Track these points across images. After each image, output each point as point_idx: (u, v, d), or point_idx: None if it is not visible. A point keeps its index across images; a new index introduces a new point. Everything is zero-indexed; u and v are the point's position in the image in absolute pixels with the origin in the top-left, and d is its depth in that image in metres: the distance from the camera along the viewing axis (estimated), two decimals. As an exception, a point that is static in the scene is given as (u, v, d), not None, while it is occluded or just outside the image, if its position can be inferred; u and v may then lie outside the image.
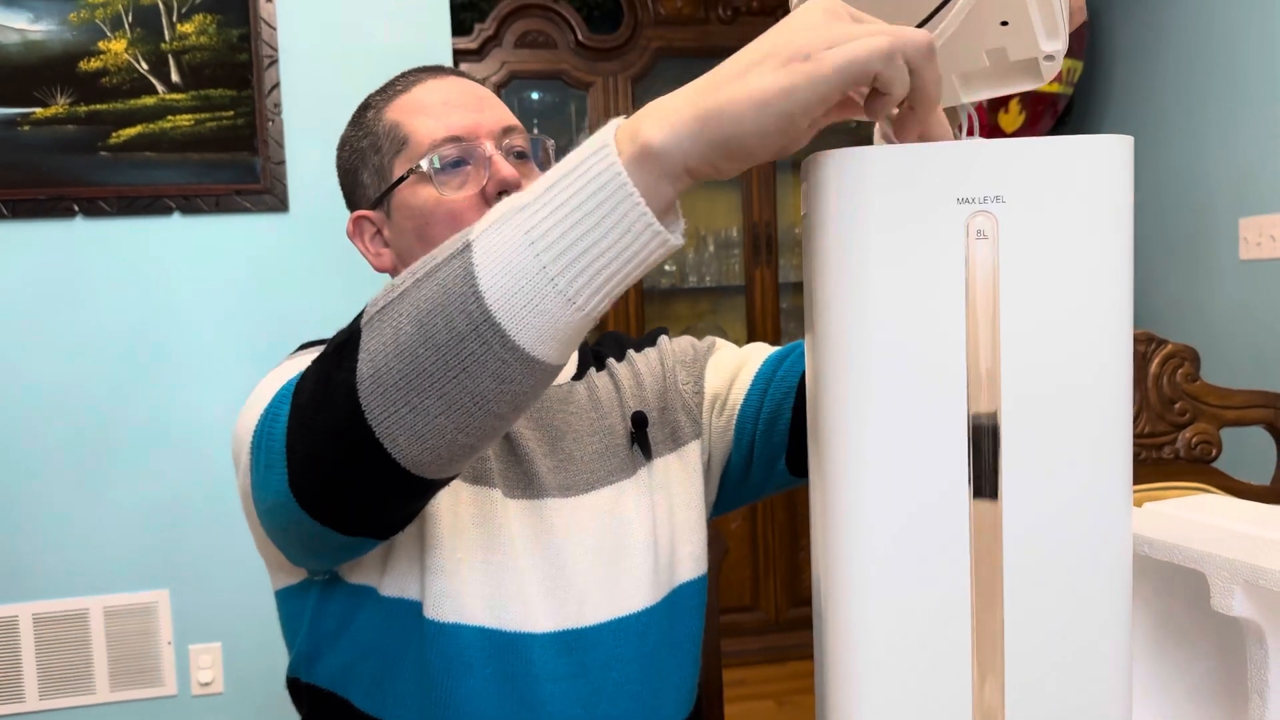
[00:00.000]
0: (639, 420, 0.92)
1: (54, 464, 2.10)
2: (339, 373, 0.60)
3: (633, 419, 0.92)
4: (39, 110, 2.04)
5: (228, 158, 2.12)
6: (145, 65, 2.08)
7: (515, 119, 0.91)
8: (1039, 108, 2.97)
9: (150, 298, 2.13)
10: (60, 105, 2.05)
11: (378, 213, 0.91)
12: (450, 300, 0.56)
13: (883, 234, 0.51)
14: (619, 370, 0.96)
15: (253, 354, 2.16)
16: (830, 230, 0.52)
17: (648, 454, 0.92)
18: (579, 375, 0.95)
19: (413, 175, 0.87)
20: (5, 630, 2.08)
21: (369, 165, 0.91)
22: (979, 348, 0.52)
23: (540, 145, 0.92)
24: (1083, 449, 0.52)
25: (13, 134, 2.03)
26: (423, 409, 0.58)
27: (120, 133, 2.07)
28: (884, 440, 0.52)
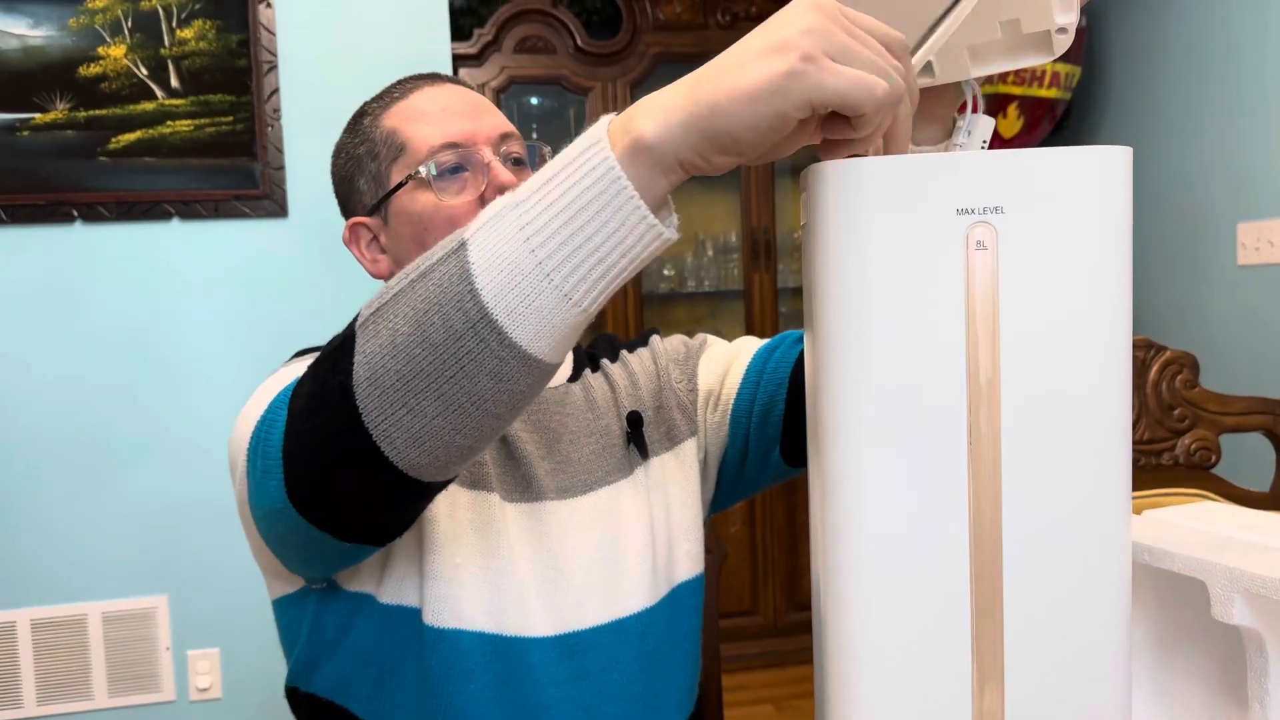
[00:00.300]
0: (634, 420, 0.92)
1: (53, 469, 2.10)
2: (335, 376, 0.60)
3: (628, 419, 0.92)
4: (38, 115, 2.04)
5: (227, 163, 2.12)
6: (145, 70, 2.08)
7: (512, 126, 0.91)
8: (1037, 113, 2.97)
9: (149, 303, 2.13)
10: (59, 110, 2.05)
11: (375, 219, 0.91)
12: (446, 298, 0.56)
13: (882, 244, 0.51)
14: (613, 371, 0.96)
15: (252, 359, 2.16)
16: (830, 240, 0.52)
17: (644, 454, 0.92)
18: (574, 377, 0.95)
19: (411, 181, 0.87)
20: (3, 636, 2.07)
21: (366, 172, 0.91)
22: (979, 357, 0.52)
23: (537, 151, 0.93)
24: (1082, 457, 0.53)
25: (12, 139, 2.03)
26: (420, 410, 0.58)
27: (119, 138, 2.08)
28: (884, 448, 0.52)
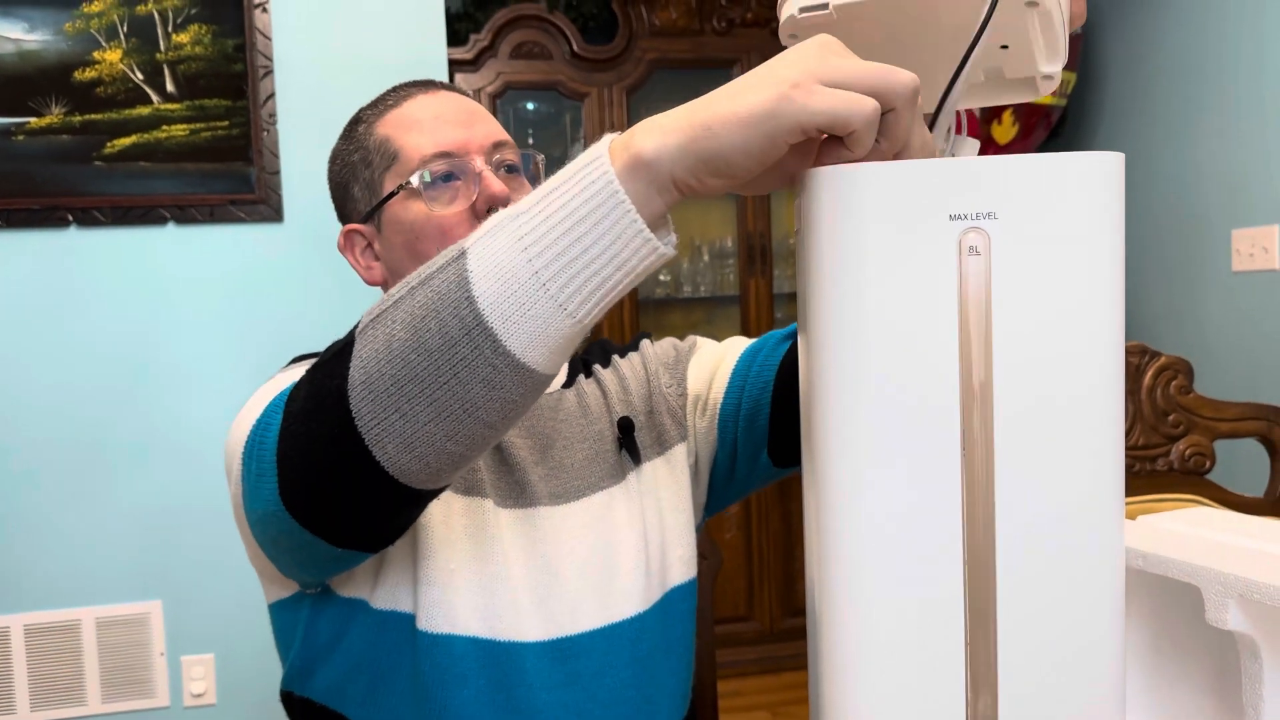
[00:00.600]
0: (625, 426, 0.92)
1: (47, 473, 2.09)
2: (331, 380, 0.61)
3: (619, 424, 0.93)
4: (34, 120, 2.04)
5: (222, 168, 2.12)
6: (140, 75, 2.08)
7: (506, 134, 0.91)
8: (1032, 119, 2.98)
9: (144, 308, 2.12)
10: (55, 115, 2.05)
11: (369, 226, 0.92)
12: (444, 304, 0.57)
13: (876, 250, 0.51)
14: (605, 376, 0.97)
15: (247, 364, 2.16)
16: (823, 246, 0.52)
17: (636, 459, 0.92)
18: (568, 383, 0.95)
19: (403, 191, 0.87)
20: (-3, 642, 2.07)
21: (360, 179, 0.91)
22: (972, 363, 0.52)
23: (531, 160, 0.93)
24: (1075, 461, 0.53)
25: (7, 144, 2.03)
26: (412, 415, 0.59)
27: (115, 143, 2.07)
28: (878, 454, 0.52)
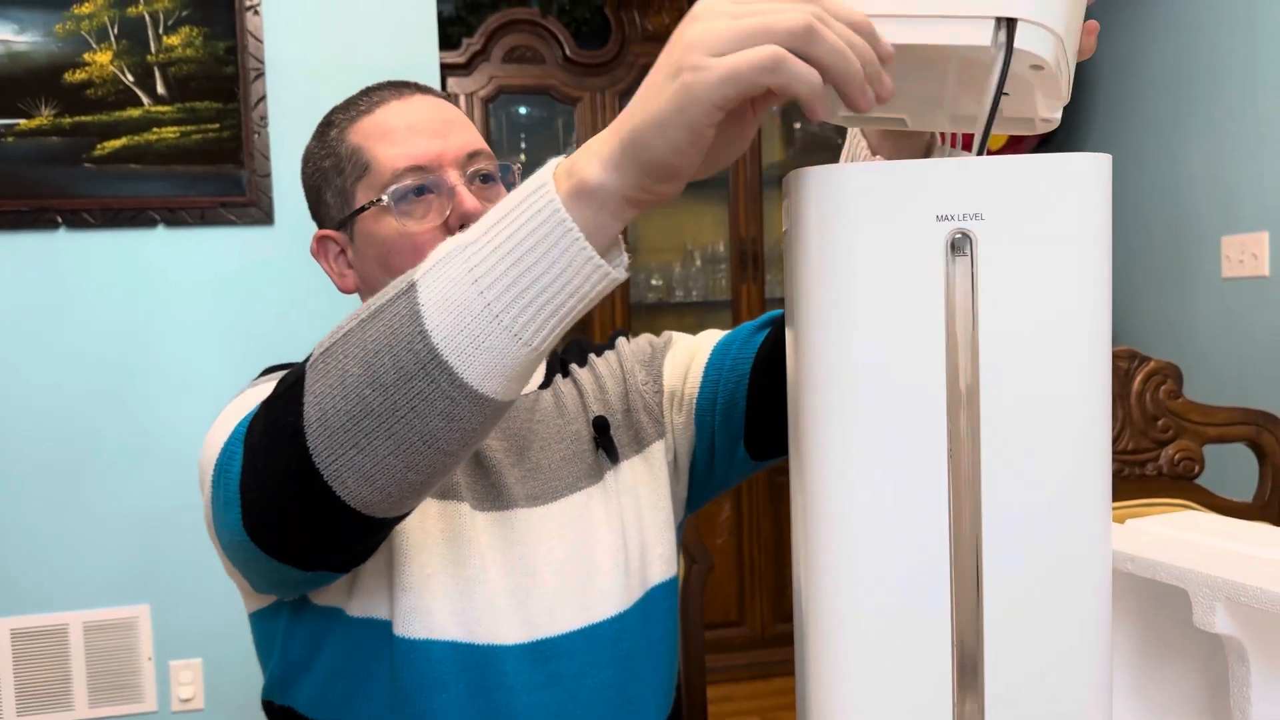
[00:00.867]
0: (600, 425, 0.92)
1: (34, 477, 2.08)
2: (286, 416, 0.61)
3: (594, 424, 0.92)
4: (23, 121, 2.03)
5: (213, 170, 2.11)
6: (131, 77, 2.07)
7: (482, 142, 0.89)
8: (1024, 125, 2.98)
9: (134, 310, 2.11)
10: (44, 117, 2.04)
11: (341, 234, 0.90)
12: (397, 340, 0.57)
13: (862, 251, 0.51)
14: (581, 376, 0.96)
15: (237, 367, 2.15)
16: (810, 247, 0.52)
17: (613, 458, 0.92)
18: (545, 384, 0.95)
19: (375, 205, 0.86)
20: (-17, 646, 2.06)
21: (332, 186, 0.90)
22: (958, 364, 0.52)
23: (509, 170, 0.91)
24: (1062, 463, 0.53)
25: (-4, 145, 2.02)
26: (371, 450, 0.59)
27: (105, 144, 2.07)
28: (864, 454, 0.52)
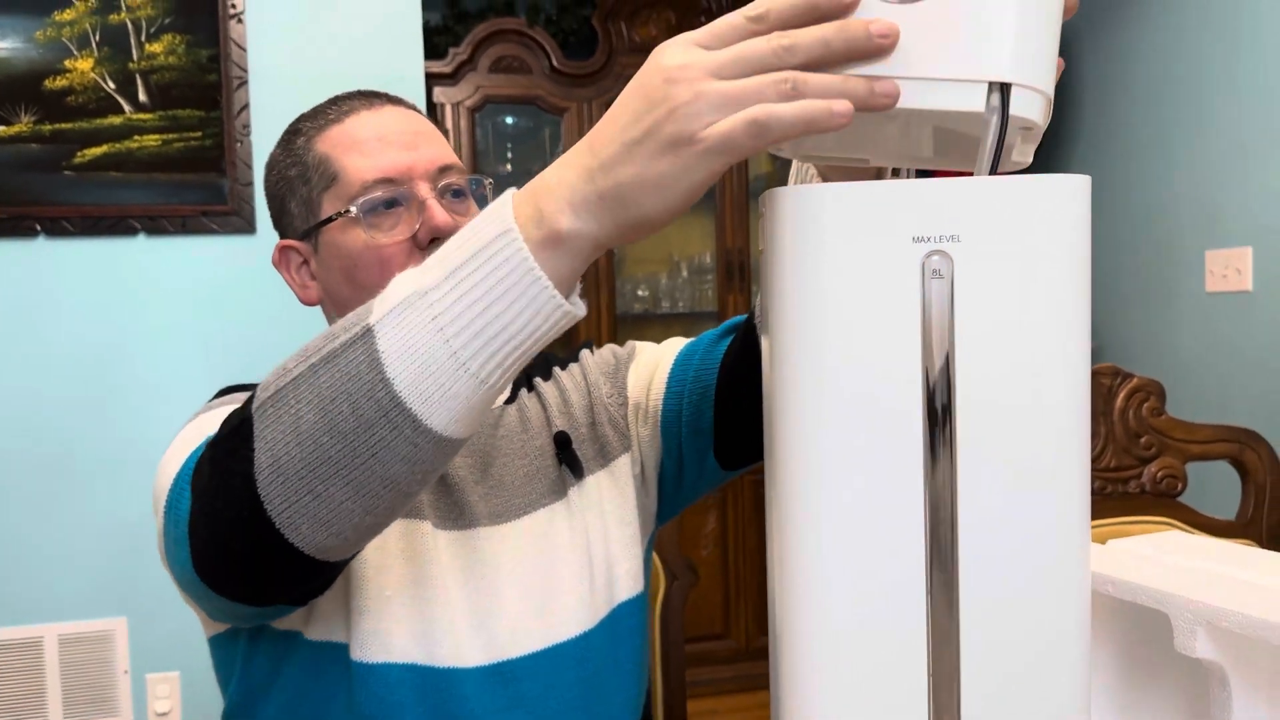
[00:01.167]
0: (561, 440, 0.91)
1: (10, 487, 2.05)
2: (235, 462, 0.59)
3: (555, 439, 0.91)
4: (2, 128, 2.01)
5: (195, 178, 2.10)
6: (112, 84, 2.06)
7: (453, 155, 0.88)
8: (1010, 139, 2.99)
9: (113, 319, 2.09)
10: (24, 124, 2.02)
11: (305, 245, 0.89)
12: (356, 386, 0.56)
13: (839, 272, 0.51)
14: (545, 389, 0.95)
15: (217, 377, 2.13)
16: (786, 267, 0.51)
17: (577, 473, 0.91)
18: (511, 399, 0.93)
19: (342, 217, 0.84)
20: (-44, 659, 2.03)
21: (297, 195, 0.88)
22: (935, 386, 0.51)
23: (479, 184, 0.90)
24: (1040, 484, 0.52)
25: (-25, 152, 2.00)
26: (327, 496, 0.58)
27: (85, 152, 2.05)
28: (840, 473, 0.52)
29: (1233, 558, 0.81)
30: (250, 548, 0.61)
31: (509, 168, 3.16)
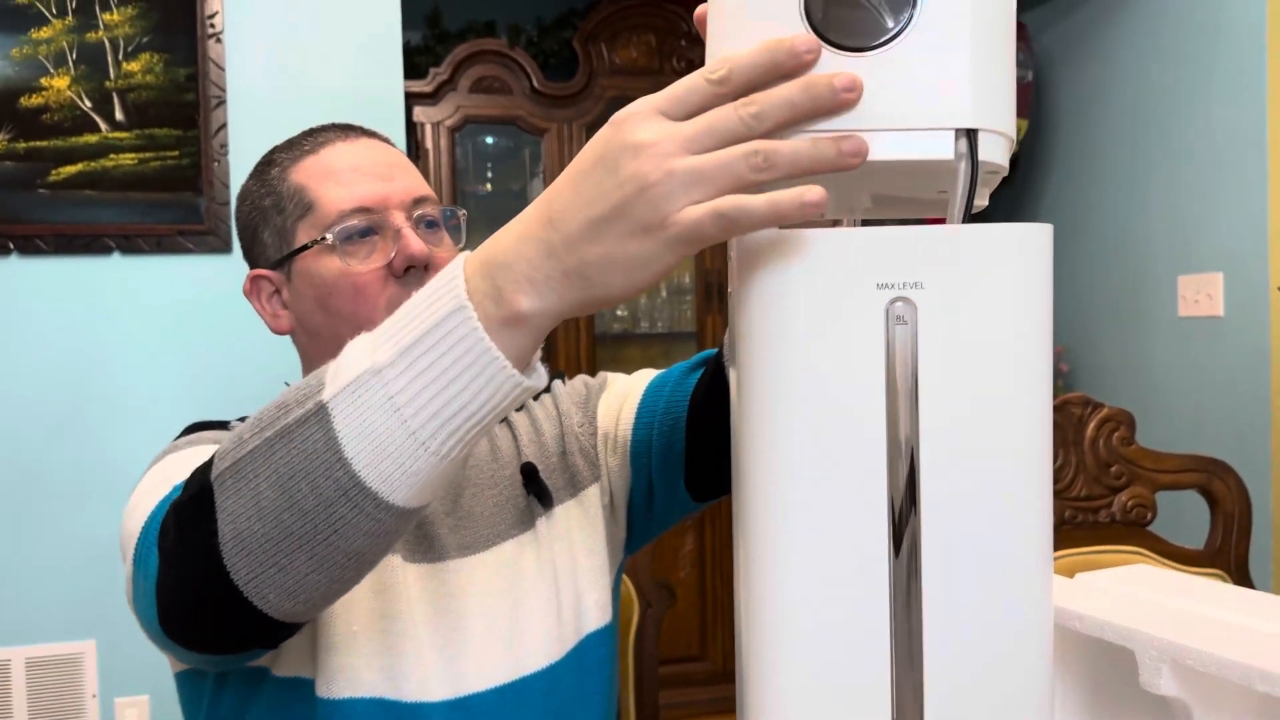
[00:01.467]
0: (528, 471, 0.91)
1: (-21, 509, 2.03)
2: (199, 533, 0.59)
3: (522, 470, 0.91)
4: (-24, 146, 2.00)
5: (171, 198, 2.09)
6: (89, 103, 2.05)
7: (428, 187, 0.89)
8: (986, 164, 3.02)
9: (87, 339, 2.08)
10: (-2, 141, 2.01)
11: (278, 274, 0.89)
12: (314, 466, 0.55)
13: (804, 316, 0.51)
14: (517, 419, 0.95)
15: (191, 398, 2.12)
16: (753, 309, 0.52)
17: (545, 503, 0.91)
18: None
19: (317, 245, 0.84)
20: (-80, 682, 2.00)
21: (271, 225, 0.88)
22: (899, 428, 0.52)
23: (453, 215, 0.90)
24: (1003, 526, 0.52)
25: (-52, 169, 1.99)
26: (292, 569, 0.58)
27: (60, 170, 2.04)
28: (807, 515, 0.52)
29: (1200, 594, 0.82)
30: (218, 613, 0.61)
31: (489, 187, 3.16)
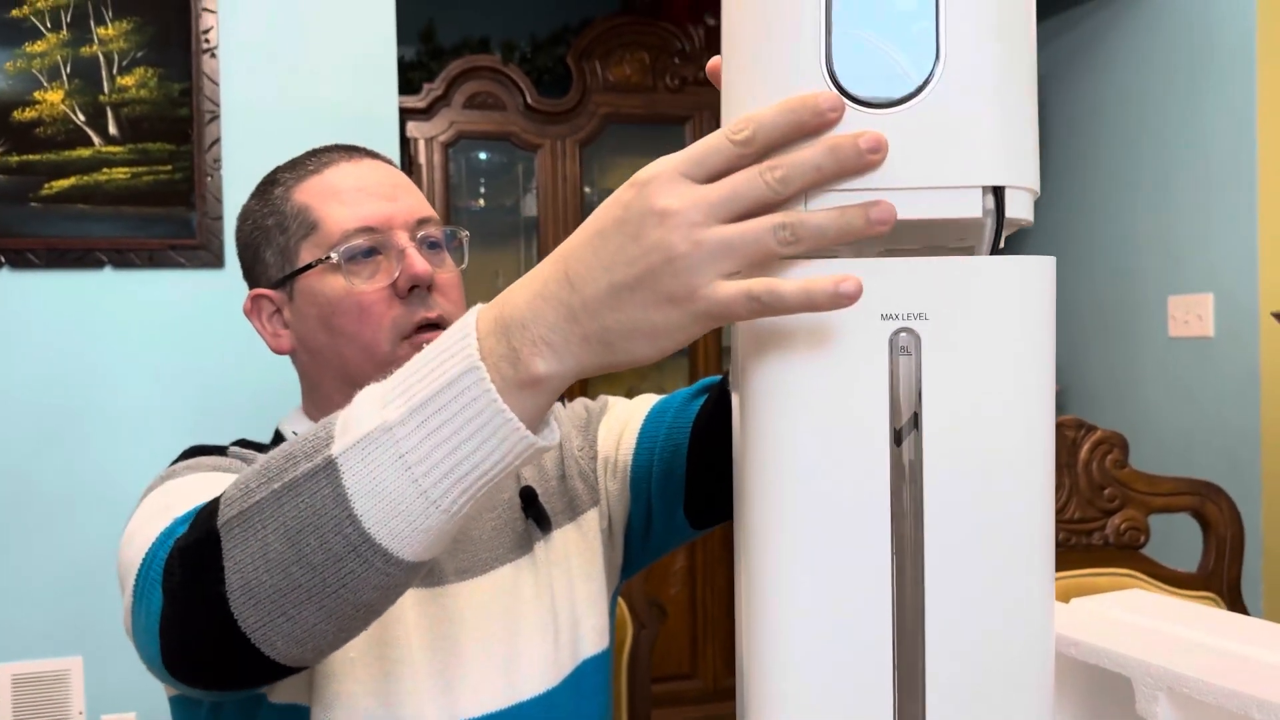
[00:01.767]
0: (527, 495, 0.91)
1: (-34, 523, 2.01)
2: (206, 580, 0.58)
3: (521, 494, 0.91)
4: (-32, 159, 1.99)
5: (163, 212, 2.08)
6: (82, 117, 2.04)
7: (430, 208, 0.89)
8: (977, 183, 3.03)
9: (77, 352, 2.06)
10: (-9, 154, 2.00)
11: (279, 293, 0.88)
12: (323, 521, 0.54)
13: (808, 346, 0.51)
14: None
15: (182, 414, 2.11)
16: (757, 338, 0.52)
17: (544, 527, 0.90)
18: None
19: (321, 264, 0.84)
20: (-96, 699, 1.98)
21: (273, 244, 0.88)
22: (903, 460, 0.52)
23: (455, 236, 0.91)
24: (1006, 553, 0.53)
25: (-61, 182, 1.98)
26: (300, 619, 0.57)
27: (53, 184, 2.03)
28: (811, 543, 0.52)
29: (1196, 620, 0.82)
30: (224, 657, 0.60)
31: (482, 203, 3.17)
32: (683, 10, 3.15)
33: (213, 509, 0.59)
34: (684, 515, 0.91)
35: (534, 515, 0.90)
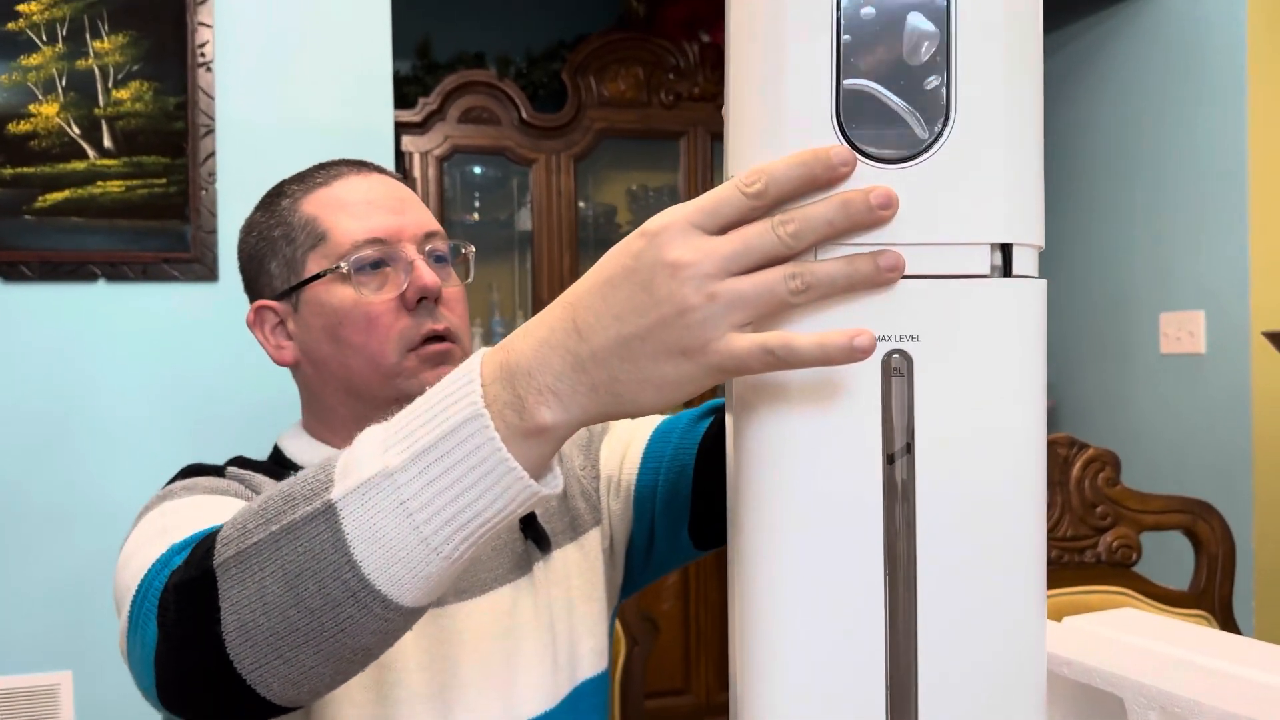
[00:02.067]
0: (526, 516, 0.90)
1: (-45, 537, 2.00)
2: (202, 619, 0.58)
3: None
4: (-38, 171, 1.99)
5: (158, 225, 2.08)
6: (77, 130, 2.04)
7: (436, 223, 0.89)
8: (970, 200, 3.04)
9: (70, 366, 2.06)
10: (-15, 167, 2.00)
11: (284, 304, 0.88)
12: (322, 566, 0.54)
13: (800, 369, 0.51)
14: None
15: (174, 426, 2.10)
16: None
17: (544, 547, 0.90)
18: None
19: (330, 274, 0.85)
20: (-109, 714, 1.96)
21: (279, 255, 0.88)
22: (896, 480, 0.52)
23: (460, 251, 0.91)
24: (998, 572, 0.53)
25: (-67, 194, 1.98)
26: (297, 662, 0.57)
27: (47, 196, 2.03)
28: (803, 562, 0.52)
29: (1188, 639, 0.82)
30: (219, 696, 0.60)
31: (476, 217, 3.17)
32: (677, 26, 3.16)
33: (209, 546, 0.59)
34: (688, 536, 0.91)
35: (533, 536, 0.90)
